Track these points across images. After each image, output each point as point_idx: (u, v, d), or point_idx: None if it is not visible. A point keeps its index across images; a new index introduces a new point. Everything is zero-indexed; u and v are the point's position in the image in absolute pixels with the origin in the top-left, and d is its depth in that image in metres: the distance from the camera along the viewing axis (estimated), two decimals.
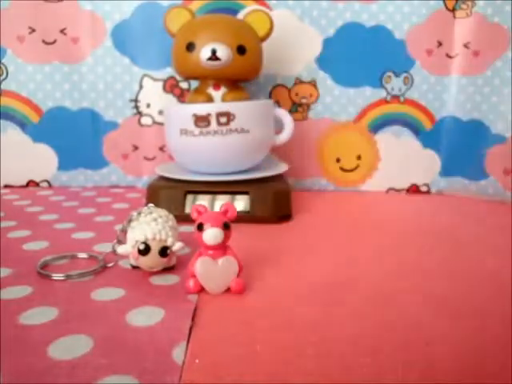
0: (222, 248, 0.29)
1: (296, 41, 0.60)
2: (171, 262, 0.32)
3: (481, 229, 0.45)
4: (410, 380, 0.21)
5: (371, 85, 0.61)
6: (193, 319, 0.26)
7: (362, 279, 0.32)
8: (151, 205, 0.34)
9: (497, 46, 0.59)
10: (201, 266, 0.28)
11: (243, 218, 0.43)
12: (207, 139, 0.45)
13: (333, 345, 0.23)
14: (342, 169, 0.63)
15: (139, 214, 0.32)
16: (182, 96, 0.62)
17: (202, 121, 0.44)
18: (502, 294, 0.29)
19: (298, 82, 0.61)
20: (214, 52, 0.45)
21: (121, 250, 0.31)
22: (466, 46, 0.59)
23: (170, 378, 0.20)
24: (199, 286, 0.29)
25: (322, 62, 0.60)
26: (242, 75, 0.50)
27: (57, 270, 0.32)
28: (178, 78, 0.61)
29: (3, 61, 0.60)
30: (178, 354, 0.22)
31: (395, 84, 0.61)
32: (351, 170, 0.63)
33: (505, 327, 0.25)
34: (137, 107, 0.62)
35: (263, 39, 0.50)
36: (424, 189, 0.63)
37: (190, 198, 0.46)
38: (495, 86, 0.60)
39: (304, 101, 0.61)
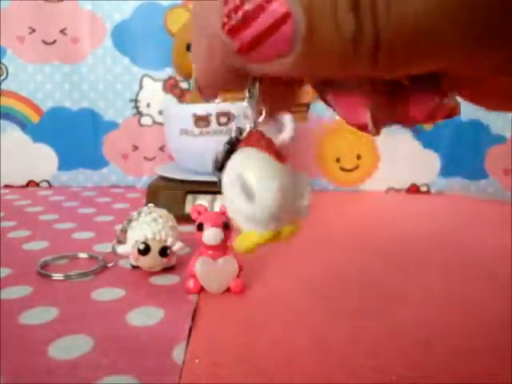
0: (221, 248, 0.29)
1: None
2: (171, 261, 0.32)
3: (481, 229, 0.45)
4: (410, 380, 0.21)
5: None
6: (193, 319, 0.26)
7: (361, 279, 0.32)
8: (151, 205, 0.34)
9: None
10: (201, 266, 0.28)
11: None
12: (207, 139, 0.45)
13: (333, 345, 0.23)
14: (342, 169, 0.63)
15: (139, 213, 0.32)
16: (182, 96, 0.62)
17: (202, 121, 0.44)
18: (502, 294, 0.29)
19: None
20: None
21: (121, 250, 0.31)
22: None
23: (170, 378, 0.20)
24: (199, 286, 0.29)
25: None
26: None
27: (57, 269, 0.32)
28: (178, 78, 0.61)
29: (3, 61, 0.60)
30: (177, 354, 0.22)
31: None
32: (351, 170, 0.63)
33: (504, 327, 0.25)
34: (137, 107, 0.63)
35: None
36: (424, 189, 0.63)
37: (189, 198, 0.46)
38: None
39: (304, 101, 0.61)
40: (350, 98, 0.13)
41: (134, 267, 0.32)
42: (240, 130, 0.14)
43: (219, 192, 0.15)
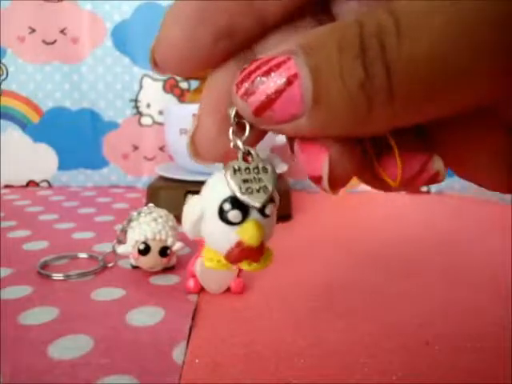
0: None
1: None
2: (171, 261, 0.32)
3: (480, 229, 0.45)
4: (410, 380, 0.21)
5: None
6: (193, 319, 0.26)
7: (361, 279, 0.32)
8: (151, 205, 0.34)
9: None
10: (201, 266, 0.28)
11: None
12: None
13: (333, 345, 0.23)
14: None
15: (139, 214, 0.32)
16: (182, 96, 0.62)
17: None
18: (502, 295, 0.29)
19: None
20: None
21: (121, 250, 0.31)
22: None
23: (170, 378, 0.20)
24: (199, 286, 0.29)
25: None
26: None
27: (57, 269, 0.32)
28: (178, 78, 0.61)
29: (3, 61, 0.60)
30: (177, 354, 0.22)
31: None
32: None
33: (504, 328, 0.25)
34: (137, 107, 0.63)
35: None
36: (424, 189, 0.63)
37: (189, 198, 0.46)
38: None
39: None
40: (312, 146, 0.12)
41: (134, 267, 0.32)
42: None
43: None
